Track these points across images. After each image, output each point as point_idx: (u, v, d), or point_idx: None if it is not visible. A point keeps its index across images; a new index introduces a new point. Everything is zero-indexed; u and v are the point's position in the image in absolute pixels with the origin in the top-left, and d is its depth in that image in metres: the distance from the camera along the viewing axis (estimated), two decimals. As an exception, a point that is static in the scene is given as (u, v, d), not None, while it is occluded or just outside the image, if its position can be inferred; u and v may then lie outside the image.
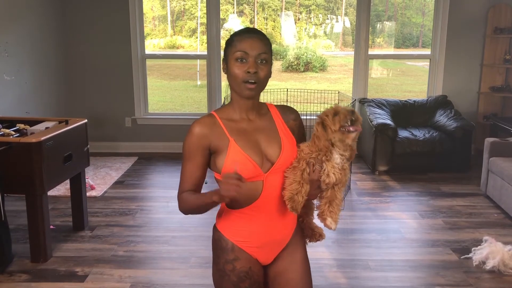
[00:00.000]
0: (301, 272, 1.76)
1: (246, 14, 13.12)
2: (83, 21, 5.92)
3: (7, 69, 4.74)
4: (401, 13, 12.46)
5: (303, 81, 12.16)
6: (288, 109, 1.77)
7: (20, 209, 3.83)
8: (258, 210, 1.65)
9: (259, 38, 1.62)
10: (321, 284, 3.08)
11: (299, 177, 1.61)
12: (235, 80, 1.61)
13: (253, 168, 1.60)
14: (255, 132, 1.66)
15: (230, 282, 1.69)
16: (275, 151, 1.64)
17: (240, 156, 1.60)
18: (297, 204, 1.61)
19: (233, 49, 1.61)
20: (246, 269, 1.69)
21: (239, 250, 1.69)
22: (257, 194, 1.63)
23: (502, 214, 4.23)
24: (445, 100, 5.91)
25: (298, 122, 1.76)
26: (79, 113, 5.61)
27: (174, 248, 3.59)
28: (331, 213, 1.65)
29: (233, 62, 1.60)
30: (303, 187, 1.61)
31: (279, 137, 1.67)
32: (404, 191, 4.85)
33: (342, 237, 3.75)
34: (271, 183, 1.63)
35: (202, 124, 1.64)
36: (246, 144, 1.62)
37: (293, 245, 1.76)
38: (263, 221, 1.67)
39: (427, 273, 3.26)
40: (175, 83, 12.28)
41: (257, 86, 1.61)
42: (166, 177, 5.32)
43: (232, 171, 1.51)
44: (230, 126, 1.65)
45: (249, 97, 1.62)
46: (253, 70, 1.58)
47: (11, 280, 3.11)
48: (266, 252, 1.73)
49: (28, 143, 3.10)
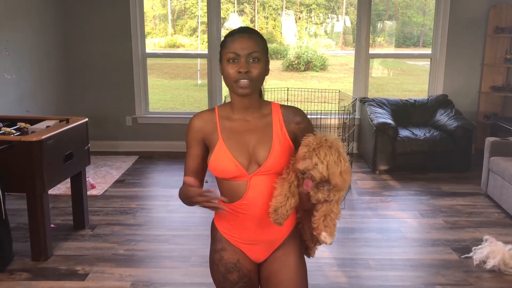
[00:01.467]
0: (293, 274, 1.74)
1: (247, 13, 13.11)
2: (84, 20, 5.92)
3: (8, 67, 4.74)
4: (402, 13, 12.45)
5: (303, 80, 12.15)
6: (293, 111, 1.73)
7: (20, 208, 3.84)
8: (243, 209, 1.66)
9: (249, 38, 1.63)
10: (321, 283, 3.08)
11: (286, 189, 1.58)
12: (227, 80, 1.64)
13: (235, 168, 1.63)
14: (248, 133, 1.67)
15: (219, 272, 1.71)
16: (263, 154, 1.64)
17: (224, 155, 1.63)
18: (280, 217, 1.57)
19: (226, 50, 1.63)
20: (234, 261, 1.70)
21: (226, 242, 1.73)
22: (241, 193, 1.65)
23: (502, 213, 4.23)
24: (445, 99, 5.90)
25: (302, 126, 1.71)
26: (80, 112, 5.62)
27: (174, 247, 3.59)
28: (325, 228, 1.59)
29: (226, 63, 1.62)
30: (288, 201, 1.57)
31: (271, 140, 1.66)
32: (405, 191, 4.85)
33: (343, 236, 3.75)
34: (256, 185, 1.64)
35: (199, 118, 1.71)
36: (233, 144, 1.65)
37: (287, 247, 1.75)
38: (249, 220, 1.67)
39: (428, 272, 3.26)
40: (176, 82, 12.28)
41: (250, 84, 1.61)
42: (166, 176, 5.32)
43: (190, 182, 1.56)
44: (224, 124, 1.68)
45: (243, 94, 1.63)
46: (244, 70, 1.60)
47: (11, 279, 3.11)
48: (256, 251, 1.73)
49: (29, 142, 3.10)
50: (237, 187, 1.65)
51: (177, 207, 4.27)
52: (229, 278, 1.70)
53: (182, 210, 4.22)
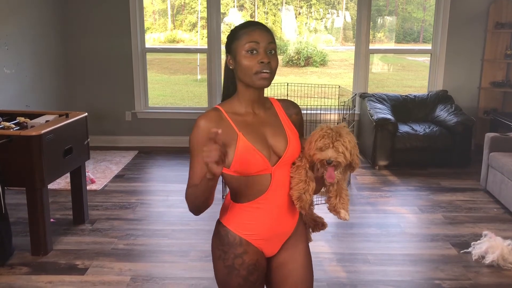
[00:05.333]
0: (303, 263, 1.76)
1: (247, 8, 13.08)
2: (83, 15, 5.91)
3: (7, 62, 4.73)
4: (402, 8, 12.42)
5: (303, 76, 12.14)
6: (290, 104, 1.77)
7: (20, 203, 3.84)
8: (265, 203, 1.65)
9: (265, 29, 1.63)
10: (321, 277, 3.08)
11: (304, 176, 1.62)
12: (246, 72, 1.59)
13: (262, 161, 1.60)
14: (261, 125, 1.66)
15: (240, 276, 1.68)
16: (281, 145, 1.64)
17: (249, 150, 1.59)
18: (305, 203, 1.62)
19: (242, 42, 1.59)
20: (254, 262, 1.69)
21: (247, 244, 1.68)
22: (265, 187, 1.63)
23: (501, 209, 4.24)
24: (445, 95, 5.90)
25: (299, 117, 1.76)
26: (79, 106, 5.62)
27: (174, 242, 3.60)
28: (343, 205, 1.65)
29: (243, 54, 1.58)
30: (309, 185, 1.62)
31: (285, 131, 1.67)
32: (404, 186, 4.85)
33: (342, 231, 3.76)
34: (278, 176, 1.64)
35: (208, 118, 1.61)
36: (253, 138, 1.61)
37: (296, 236, 1.76)
38: (271, 214, 1.67)
39: (427, 267, 3.27)
40: (175, 77, 12.27)
41: (270, 76, 1.60)
42: (166, 171, 5.32)
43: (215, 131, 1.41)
44: (236, 119, 1.63)
45: (262, 86, 1.61)
46: (267, 60, 1.57)
47: (11, 273, 3.12)
48: (272, 244, 1.73)
49: (28, 136, 3.10)
50: (260, 181, 1.63)
51: (177, 202, 4.27)
52: (250, 279, 1.68)
53: (182, 205, 4.21)
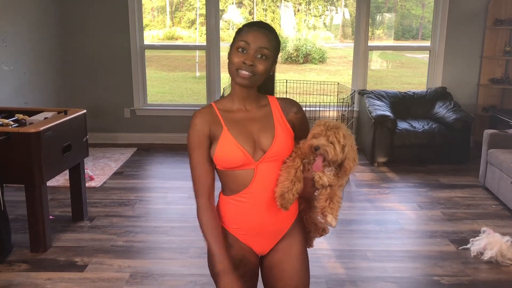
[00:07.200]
0: (297, 265, 1.75)
1: (245, 5, 13.07)
2: (82, 12, 5.89)
3: (5, 59, 4.72)
4: (401, 5, 12.41)
5: (302, 73, 12.15)
6: (290, 102, 1.77)
7: (19, 200, 3.83)
8: (250, 197, 1.66)
9: (265, 34, 1.63)
10: (320, 274, 3.09)
11: (292, 175, 1.61)
12: (230, 67, 1.64)
13: (243, 156, 1.62)
14: (250, 121, 1.68)
15: None
16: (267, 140, 1.65)
17: (231, 144, 1.63)
18: (286, 202, 1.61)
19: (238, 38, 1.63)
20: (240, 257, 1.70)
21: (233, 238, 1.72)
22: (247, 182, 1.65)
23: (500, 205, 4.25)
24: (444, 92, 5.90)
25: (299, 116, 1.75)
26: (78, 103, 5.60)
27: (173, 239, 3.60)
28: (332, 210, 1.63)
29: (235, 50, 1.63)
30: (295, 185, 1.60)
31: (274, 127, 1.68)
32: (403, 183, 4.86)
33: (341, 227, 3.76)
34: (263, 172, 1.65)
35: (201, 113, 1.69)
36: (239, 133, 1.64)
37: (290, 237, 1.76)
38: (256, 209, 1.68)
39: (425, 263, 3.28)
40: (174, 74, 12.26)
41: (251, 77, 1.62)
42: (165, 168, 5.32)
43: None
44: (225, 116, 1.68)
45: (241, 84, 1.64)
46: (249, 62, 1.60)
47: (10, 270, 3.12)
48: (261, 242, 1.74)
49: (27, 133, 3.09)
50: (243, 175, 1.65)
51: (176, 199, 4.27)
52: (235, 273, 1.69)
53: (181, 202, 4.23)
